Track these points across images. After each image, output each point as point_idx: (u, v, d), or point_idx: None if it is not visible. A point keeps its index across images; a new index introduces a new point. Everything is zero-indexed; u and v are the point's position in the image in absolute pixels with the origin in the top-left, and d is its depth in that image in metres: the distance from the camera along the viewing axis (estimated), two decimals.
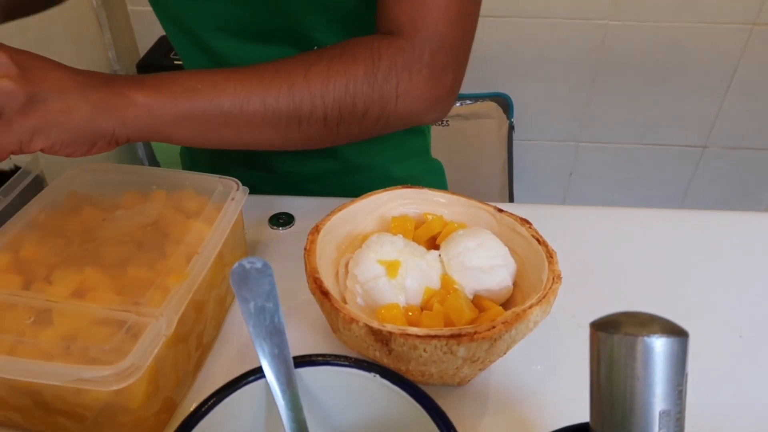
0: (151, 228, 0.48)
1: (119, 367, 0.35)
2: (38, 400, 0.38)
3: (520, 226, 0.48)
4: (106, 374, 0.35)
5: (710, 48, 1.44)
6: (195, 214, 0.49)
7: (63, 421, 0.40)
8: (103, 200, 0.51)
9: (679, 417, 0.26)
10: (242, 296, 0.30)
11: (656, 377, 0.26)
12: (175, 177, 0.52)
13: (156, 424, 0.41)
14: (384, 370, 0.32)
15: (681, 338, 0.26)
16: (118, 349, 0.37)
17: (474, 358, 0.40)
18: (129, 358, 0.36)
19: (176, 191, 0.51)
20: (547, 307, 0.41)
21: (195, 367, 0.47)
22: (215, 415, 0.30)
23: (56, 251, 0.45)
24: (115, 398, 0.37)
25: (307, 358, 0.32)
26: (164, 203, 0.50)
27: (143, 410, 0.39)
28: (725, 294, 0.55)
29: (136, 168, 0.54)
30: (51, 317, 0.39)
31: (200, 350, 0.47)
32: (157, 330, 0.38)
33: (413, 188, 0.52)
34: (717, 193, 1.70)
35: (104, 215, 0.49)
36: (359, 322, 0.39)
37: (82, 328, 0.39)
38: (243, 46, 0.59)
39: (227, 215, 0.48)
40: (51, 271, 0.43)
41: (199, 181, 0.52)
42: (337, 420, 0.34)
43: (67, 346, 0.37)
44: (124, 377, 0.35)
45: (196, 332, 0.45)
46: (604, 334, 0.27)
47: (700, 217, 0.64)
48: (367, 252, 0.45)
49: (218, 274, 0.48)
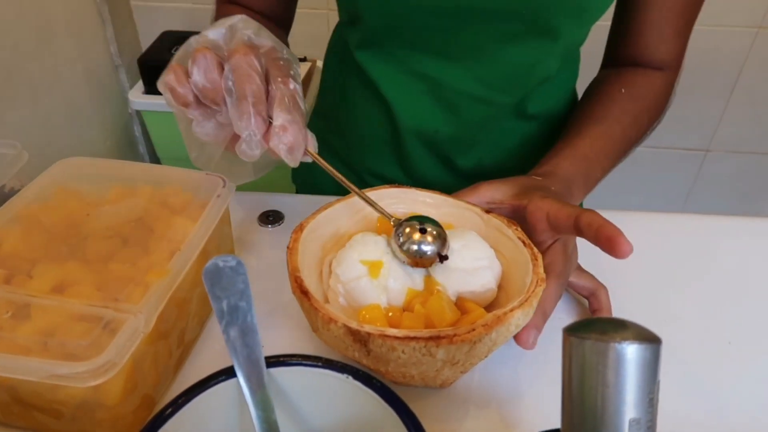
0: (136, 223, 0.48)
1: (95, 363, 0.35)
2: (15, 395, 0.38)
3: (507, 228, 0.47)
4: (81, 370, 0.35)
5: (714, 50, 1.43)
6: (180, 210, 0.48)
7: (40, 417, 0.40)
8: (89, 195, 0.50)
9: (650, 425, 0.26)
10: (215, 294, 0.30)
11: (627, 384, 0.25)
12: (161, 172, 0.52)
13: (134, 422, 0.41)
14: (356, 371, 0.31)
15: (653, 345, 0.25)
16: (95, 344, 0.36)
17: (454, 361, 0.39)
18: (104, 354, 0.35)
19: (162, 187, 0.51)
20: (529, 311, 0.41)
21: (176, 364, 0.46)
22: (184, 414, 0.30)
23: (39, 245, 0.45)
24: (91, 395, 0.37)
25: (279, 358, 0.32)
26: (150, 199, 0.50)
27: (121, 407, 0.39)
28: (721, 300, 0.54)
29: (123, 163, 0.54)
30: (29, 312, 0.39)
31: (182, 348, 0.47)
32: (135, 327, 0.38)
33: (400, 188, 0.51)
34: (720, 198, 1.68)
35: (89, 210, 0.49)
36: (338, 322, 0.38)
37: (60, 323, 0.38)
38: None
39: (212, 212, 0.48)
40: (33, 266, 0.43)
41: (186, 177, 0.51)
42: (310, 421, 0.33)
43: (45, 342, 0.37)
44: (99, 374, 0.35)
45: (177, 329, 0.45)
46: (576, 339, 0.26)
47: (701, 221, 0.64)
48: (350, 252, 0.44)
49: (201, 271, 0.48)
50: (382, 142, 0.68)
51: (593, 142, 0.58)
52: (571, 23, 0.57)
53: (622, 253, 0.41)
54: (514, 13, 0.55)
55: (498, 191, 0.50)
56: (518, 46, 0.58)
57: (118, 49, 1.46)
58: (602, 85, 0.65)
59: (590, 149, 0.57)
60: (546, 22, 0.56)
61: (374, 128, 0.67)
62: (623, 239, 0.40)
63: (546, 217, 0.46)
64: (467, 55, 0.59)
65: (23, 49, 1.15)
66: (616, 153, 0.61)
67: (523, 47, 0.58)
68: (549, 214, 0.46)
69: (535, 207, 0.47)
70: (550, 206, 0.46)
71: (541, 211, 0.46)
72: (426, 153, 0.67)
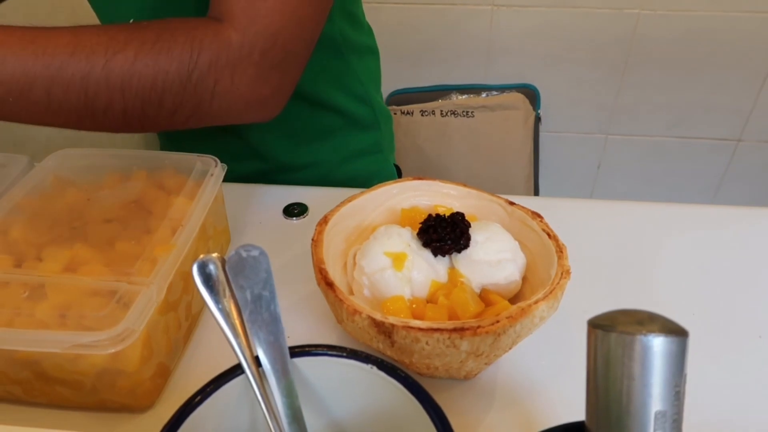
0: (134, 206, 0.49)
1: (115, 331, 0.36)
2: (37, 370, 0.40)
3: (531, 220, 0.47)
4: (102, 338, 0.36)
5: (747, 38, 1.39)
6: (176, 191, 0.50)
7: (62, 390, 0.41)
8: (85, 182, 0.52)
9: (675, 418, 0.26)
10: (238, 284, 0.30)
11: (653, 377, 0.25)
12: (154, 157, 0.54)
13: (152, 389, 0.43)
14: (380, 361, 0.31)
15: (680, 338, 0.25)
16: (111, 316, 0.38)
17: (478, 353, 0.39)
18: (123, 322, 0.37)
19: (156, 170, 0.52)
20: (554, 303, 0.40)
21: (186, 335, 0.48)
22: (201, 411, 0.30)
23: (44, 231, 0.46)
24: (111, 363, 0.39)
25: (304, 348, 0.32)
26: (145, 182, 0.51)
27: (139, 374, 0.40)
28: (752, 293, 0.53)
29: (115, 151, 0.56)
30: (44, 291, 0.40)
31: (190, 320, 0.48)
32: (149, 297, 0.39)
33: (424, 180, 0.51)
34: (751, 189, 1.64)
35: (88, 196, 0.50)
36: (362, 313, 0.39)
37: (75, 299, 0.40)
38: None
39: (207, 190, 0.49)
40: (40, 250, 0.44)
41: (179, 160, 0.53)
42: (334, 411, 0.34)
43: (62, 315, 0.39)
44: (119, 340, 0.36)
45: (184, 302, 0.47)
46: (601, 332, 0.26)
47: (731, 213, 0.62)
48: (374, 244, 0.44)
49: (202, 247, 0.50)
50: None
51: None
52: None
53: None
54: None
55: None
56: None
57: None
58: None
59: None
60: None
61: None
62: None
63: None
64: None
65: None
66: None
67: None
68: None
69: None
70: None
71: None
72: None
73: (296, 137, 0.70)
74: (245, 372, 0.30)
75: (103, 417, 0.43)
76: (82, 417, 0.43)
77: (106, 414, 0.43)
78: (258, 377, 0.31)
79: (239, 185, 0.65)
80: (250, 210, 0.63)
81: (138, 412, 0.43)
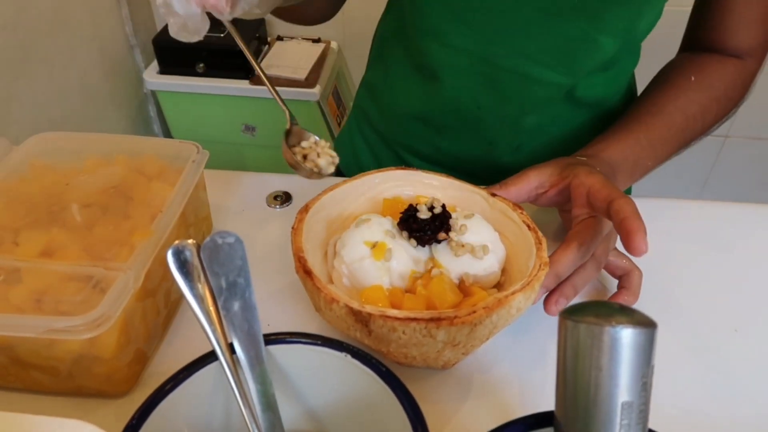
0: (115, 191, 0.49)
1: (90, 316, 0.36)
2: (12, 355, 0.39)
3: (512, 211, 0.47)
4: (77, 324, 0.36)
5: None
6: (157, 177, 0.50)
7: (38, 375, 0.41)
8: (65, 166, 0.51)
9: (642, 409, 0.26)
10: (213, 271, 0.30)
11: (620, 368, 0.25)
12: (136, 143, 0.54)
13: (129, 375, 0.43)
14: (354, 350, 0.32)
15: (648, 329, 0.25)
16: (87, 301, 0.38)
17: (455, 343, 0.39)
18: (99, 308, 0.37)
19: (138, 156, 0.52)
20: (531, 294, 0.41)
21: (164, 322, 0.48)
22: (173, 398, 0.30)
23: (22, 215, 0.46)
24: (87, 349, 0.39)
25: (278, 336, 0.32)
26: (126, 167, 0.51)
27: (116, 360, 0.40)
28: (735, 288, 0.53)
29: (97, 135, 0.55)
30: (20, 276, 0.40)
31: (169, 307, 0.48)
32: (125, 282, 0.39)
33: (406, 170, 0.51)
34: (738, 185, 1.66)
35: (67, 180, 0.50)
36: (339, 302, 0.39)
37: (52, 284, 0.40)
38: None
39: (188, 176, 0.49)
40: (17, 234, 0.44)
41: (160, 146, 0.53)
42: (308, 399, 0.34)
43: (38, 300, 0.39)
44: (95, 326, 0.36)
45: (163, 288, 0.46)
46: (571, 323, 0.26)
47: (718, 209, 0.63)
48: (354, 233, 0.44)
49: (183, 234, 0.50)
50: (419, 119, 0.67)
51: (649, 130, 0.57)
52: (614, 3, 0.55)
53: (636, 250, 0.41)
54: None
55: (544, 174, 0.50)
56: (565, 21, 0.56)
57: (134, 29, 1.47)
58: (673, 70, 0.63)
59: (645, 137, 0.56)
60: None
61: (413, 104, 0.67)
62: (641, 238, 0.41)
63: (587, 193, 0.46)
64: (511, 29, 0.57)
65: (39, 26, 1.16)
66: (674, 143, 0.59)
67: (569, 22, 0.56)
68: (589, 191, 0.46)
69: (578, 182, 0.47)
70: (593, 183, 0.46)
71: (584, 186, 0.47)
72: (466, 133, 0.65)
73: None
74: (219, 358, 0.31)
75: (79, 402, 0.43)
76: (58, 402, 0.43)
77: (82, 399, 0.43)
78: (232, 364, 0.31)
79: (223, 172, 0.65)
80: (233, 198, 0.62)
81: (115, 397, 0.43)
